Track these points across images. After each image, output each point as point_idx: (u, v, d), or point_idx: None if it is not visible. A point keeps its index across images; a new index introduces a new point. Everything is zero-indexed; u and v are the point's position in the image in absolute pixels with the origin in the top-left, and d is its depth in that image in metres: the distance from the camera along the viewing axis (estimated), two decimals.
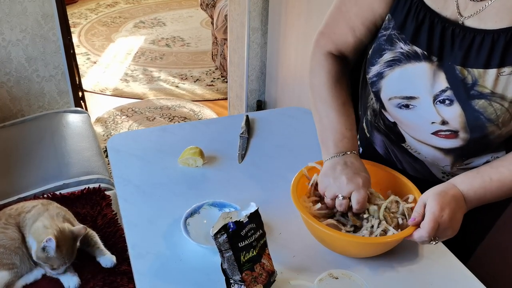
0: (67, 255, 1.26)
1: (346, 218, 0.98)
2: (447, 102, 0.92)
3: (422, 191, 1.00)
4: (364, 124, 1.20)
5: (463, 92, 0.90)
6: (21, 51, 2.38)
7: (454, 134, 0.95)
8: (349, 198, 0.94)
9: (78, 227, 1.31)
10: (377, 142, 1.16)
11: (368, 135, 1.20)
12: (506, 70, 0.85)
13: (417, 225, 0.89)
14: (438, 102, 0.93)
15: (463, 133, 0.94)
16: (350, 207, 0.95)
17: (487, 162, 1.01)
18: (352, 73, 1.13)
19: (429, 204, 0.89)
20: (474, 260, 1.17)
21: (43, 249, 1.24)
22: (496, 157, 1.00)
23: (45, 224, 1.29)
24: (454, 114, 0.92)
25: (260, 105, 3.03)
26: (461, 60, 0.88)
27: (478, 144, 0.96)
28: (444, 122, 0.94)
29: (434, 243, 0.89)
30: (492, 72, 0.86)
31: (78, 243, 1.32)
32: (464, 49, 0.88)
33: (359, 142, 1.26)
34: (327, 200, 0.97)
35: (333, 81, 1.06)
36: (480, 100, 0.88)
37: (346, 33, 1.03)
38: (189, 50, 4.52)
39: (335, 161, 0.98)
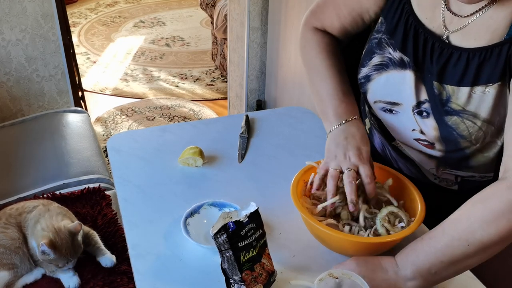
0: (68, 253, 1.26)
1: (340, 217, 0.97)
2: (424, 114, 0.92)
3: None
4: (365, 119, 1.21)
5: (438, 106, 0.90)
6: (20, 51, 2.38)
7: (431, 145, 0.96)
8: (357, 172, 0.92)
9: (74, 224, 1.30)
10: (375, 139, 1.17)
11: (368, 132, 1.20)
12: (479, 89, 0.85)
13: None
14: (416, 113, 0.93)
15: (438, 145, 0.95)
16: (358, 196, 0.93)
17: (474, 180, 1.01)
18: (354, 69, 1.13)
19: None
20: None
21: (43, 252, 1.24)
22: (485, 176, 1.00)
23: (43, 227, 1.29)
24: (429, 126, 0.93)
25: (260, 105, 3.03)
26: (437, 76, 0.88)
27: (456, 156, 0.96)
28: (422, 132, 0.95)
29: None
30: (465, 90, 0.86)
31: (79, 238, 1.32)
32: (441, 64, 0.88)
33: None
34: (331, 171, 0.92)
35: (325, 52, 1.06)
36: (453, 116, 0.88)
37: (332, 17, 1.05)
38: (189, 50, 4.52)
39: (336, 133, 0.96)
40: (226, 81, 3.57)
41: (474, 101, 0.86)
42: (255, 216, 0.86)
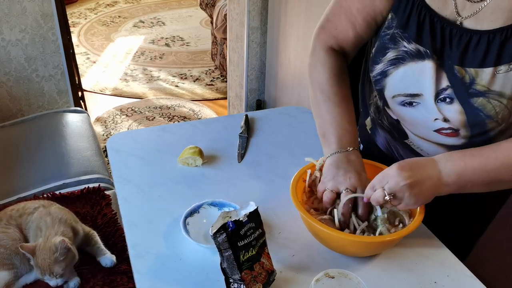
0: (42, 266, 1.22)
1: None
2: (447, 100, 0.93)
3: None
4: (366, 121, 1.21)
5: (462, 90, 0.91)
6: (20, 51, 2.38)
7: (455, 132, 0.97)
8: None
9: (57, 239, 1.25)
10: (379, 139, 1.17)
11: (369, 132, 1.20)
12: (503, 68, 0.86)
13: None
14: (439, 100, 0.94)
15: (464, 131, 0.96)
16: (350, 212, 0.96)
17: None
18: (351, 71, 1.13)
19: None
20: (473, 259, 1.17)
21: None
22: None
23: (42, 236, 1.28)
24: (454, 112, 0.93)
25: (260, 105, 3.03)
26: (459, 60, 0.90)
27: (479, 141, 0.97)
28: (445, 120, 0.96)
29: (387, 197, 0.88)
30: (489, 70, 0.87)
31: (59, 256, 1.23)
32: (461, 49, 0.89)
33: (359, 139, 1.27)
34: (327, 192, 0.95)
35: (335, 77, 1.06)
36: (479, 98, 0.90)
37: (347, 28, 1.04)
38: (189, 50, 4.52)
39: (338, 157, 0.99)
40: (226, 81, 3.57)
41: (498, 81, 0.88)
42: (254, 216, 0.86)
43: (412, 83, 0.96)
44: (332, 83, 1.06)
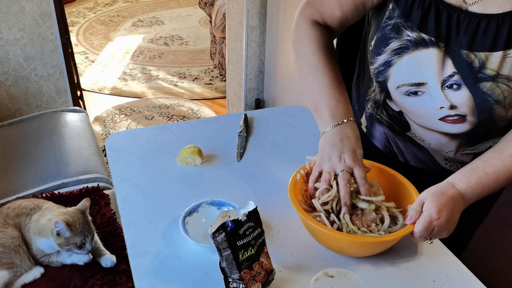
0: (83, 229, 1.28)
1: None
2: (454, 86, 0.94)
3: (424, 181, 1.00)
4: (361, 119, 1.20)
5: (470, 75, 0.91)
6: (19, 50, 2.38)
7: (461, 118, 0.97)
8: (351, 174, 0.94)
9: (81, 202, 1.34)
10: (377, 135, 1.17)
11: (365, 131, 1.20)
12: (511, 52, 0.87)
13: (414, 223, 0.90)
14: (446, 87, 0.95)
15: (471, 116, 0.96)
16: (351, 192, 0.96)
17: (490, 147, 1.02)
18: (342, 70, 1.13)
19: (427, 204, 0.90)
20: (472, 258, 1.17)
21: (58, 234, 1.26)
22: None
23: (49, 218, 1.30)
24: (462, 98, 0.94)
25: (259, 104, 3.03)
26: (467, 45, 0.90)
27: (485, 128, 0.98)
28: (452, 107, 0.96)
29: (429, 242, 0.91)
30: (498, 54, 0.88)
31: (89, 216, 1.35)
32: (470, 34, 0.90)
33: None
34: (325, 174, 0.95)
35: (322, 48, 1.05)
36: (488, 82, 0.91)
37: (334, 7, 1.03)
38: (188, 49, 4.52)
39: (332, 134, 0.97)
40: (225, 80, 3.57)
41: (507, 65, 0.88)
42: (253, 215, 0.86)
43: (416, 71, 0.96)
44: (319, 55, 1.04)
